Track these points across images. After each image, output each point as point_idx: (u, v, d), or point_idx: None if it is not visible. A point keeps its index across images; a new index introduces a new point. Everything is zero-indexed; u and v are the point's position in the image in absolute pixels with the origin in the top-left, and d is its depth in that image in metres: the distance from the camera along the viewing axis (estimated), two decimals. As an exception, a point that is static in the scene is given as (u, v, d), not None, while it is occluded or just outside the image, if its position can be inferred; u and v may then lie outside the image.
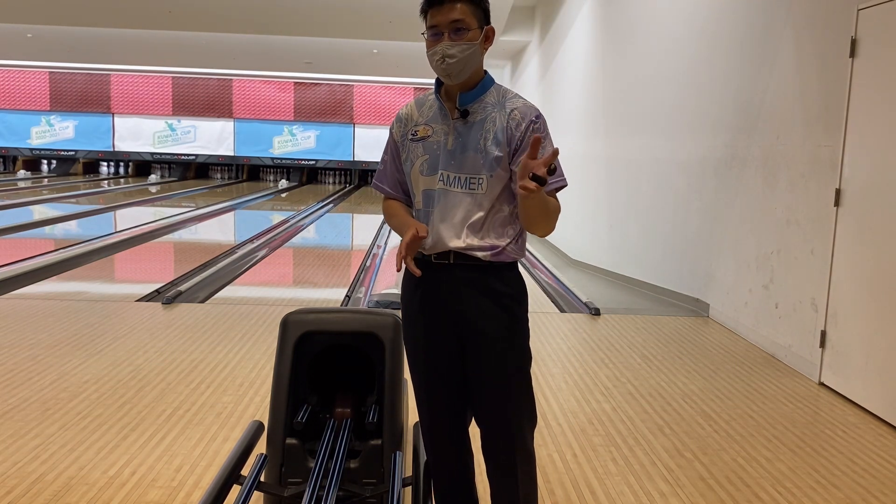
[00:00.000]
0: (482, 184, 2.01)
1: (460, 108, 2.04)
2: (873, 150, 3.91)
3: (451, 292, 2.05)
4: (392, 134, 2.16)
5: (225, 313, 5.48)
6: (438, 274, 2.05)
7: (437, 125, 2.07)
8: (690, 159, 6.18)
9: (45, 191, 16.45)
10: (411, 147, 2.09)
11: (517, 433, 2.08)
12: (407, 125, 2.12)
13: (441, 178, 2.03)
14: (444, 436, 2.19)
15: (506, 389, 2.06)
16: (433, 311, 2.08)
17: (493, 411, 2.08)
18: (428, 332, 2.10)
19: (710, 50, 5.90)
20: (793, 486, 2.99)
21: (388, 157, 2.18)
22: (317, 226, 12.66)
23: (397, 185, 2.18)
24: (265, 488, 2.29)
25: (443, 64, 1.97)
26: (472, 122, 2.03)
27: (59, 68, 20.81)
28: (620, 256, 7.74)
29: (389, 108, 20.92)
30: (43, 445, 3.11)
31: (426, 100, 2.13)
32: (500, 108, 2.04)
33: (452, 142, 2.03)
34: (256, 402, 3.67)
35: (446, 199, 2.03)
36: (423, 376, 2.15)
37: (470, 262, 2.03)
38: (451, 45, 1.96)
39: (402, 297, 2.18)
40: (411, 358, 2.19)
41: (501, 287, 2.05)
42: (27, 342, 4.58)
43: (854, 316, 4.01)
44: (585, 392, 4.01)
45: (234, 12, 12.96)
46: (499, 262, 2.05)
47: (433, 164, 2.05)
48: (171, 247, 9.92)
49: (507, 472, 2.10)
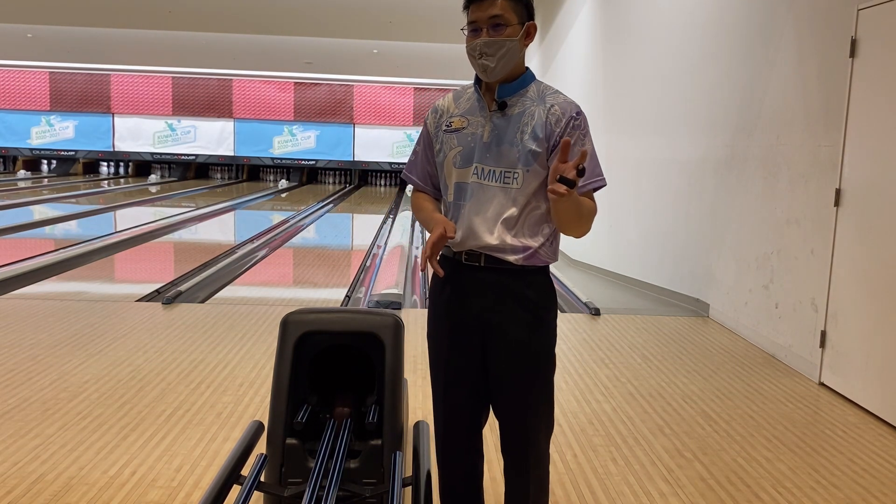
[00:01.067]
0: (517, 178, 1.97)
1: (498, 100, 2.00)
2: (873, 150, 3.91)
3: (479, 295, 2.02)
4: (426, 125, 2.13)
5: (225, 313, 5.48)
6: (468, 275, 2.03)
7: (473, 117, 2.03)
8: (690, 159, 6.19)
9: (45, 191, 16.45)
10: (445, 138, 2.06)
11: (533, 438, 2.07)
12: (442, 116, 2.09)
13: (476, 172, 2.00)
14: (458, 436, 2.17)
15: (527, 396, 2.04)
16: (460, 312, 2.06)
17: (513, 416, 2.07)
18: (452, 333, 2.08)
19: (710, 50, 5.90)
20: (793, 486, 2.99)
21: (419, 147, 2.15)
22: (317, 226, 12.66)
23: (427, 177, 2.15)
24: (265, 488, 2.29)
25: (480, 60, 1.95)
26: (510, 115, 1.99)
27: (59, 68, 20.80)
28: (620, 256, 7.73)
29: (389, 108, 20.91)
30: (43, 445, 3.11)
31: (464, 92, 2.10)
32: (540, 102, 2.00)
33: (488, 134, 2.00)
34: (256, 402, 3.67)
35: (481, 193, 1.99)
36: (443, 375, 2.13)
37: (501, 265, 1.99)
38: (489, 41, 1.93)
39: (431, 293, 2.16)
40: (433, 354, 2.17)
41: (532, 294, 2.02)
42: (27, 342, 4.58)
43: (854, 316, 4.01)
44: (585, 392, 4.01)
45: (234, 12, 12.97)
46: (531, 267, 2.01)
47: (467, 156, 2.01)
48: (171, 247, 9.92)
49: (520, 472, 2.10)
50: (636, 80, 7.55)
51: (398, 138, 20.87)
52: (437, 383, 2.16)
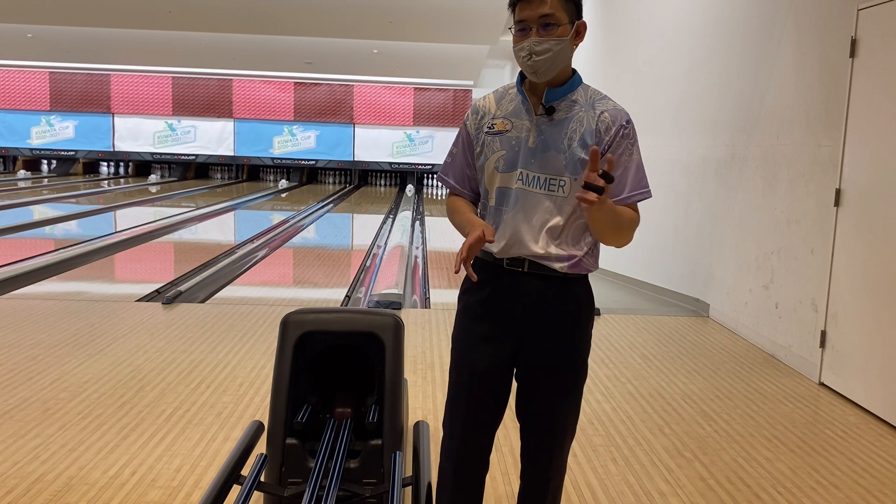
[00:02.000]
0: (564, 186, 1.90)
1: (546, 104, 1.92)
2: (873, 150, 3.91)
3: (520, 301, 1.95)
4: (465, 126, 2.05)
5: (225, 313, 5.48)
6: (509, 279, 1.95)
7: (517, 120, 1.95)
8: (691, 159, 6.19)
9: (45, 191, 16.44)
10: (487, 141, 1.98)
11: (559, 447, 2.04)
12: (484, 118, 2.00)
13: (520, 178, 1.92)
14: (472, 445, 2.07)
15: (560, 405, 2.01)
16: (496, 317, 1.98)
17: (542, 424, 2.02)
18: (485, 338, 1.99)
19: (711, 50, 5.90)
20: (793, 486, 2.99)
21: (457, 149, 2.07)
22: (317, 226, 12.65)
23: (465, 180, 2.06)
24: (265, 488, 2.29)
25: (529, 61, 1.87)
26: (557, 121, 1.92)
27: (59, 68, 20.79)
28: (620, 256, 7.73)
29: (389, 108, 20.90)
30: (43, 445, 3.11)
31: (506, 93, 2.01)
32: (590, 108, 1.93)
33: (534, 139, 1.92)
34: (256, 402, 3.67)
35: (525, 200, 1.92)
36: (467, 377, 2.03)
37: (544, 272, 1.93)
38: (539, 40, 1.85)
39: (466, 295, 2.04)
40: (458, 355, 2.06)
41: (572, 303, 1.97)
42: (27, 342, 4.58)
43: (854, 316, 4.01)
44: (586, 392, 4.00)
45: (234, 12, 12.97)
46: (574, 275, 1.95)
47: (511, 160, 1.93)
48: (171, 247, 9.92)
49: (540, 479, 2.06)
50: (636, 80, 7.55)
51: (398, 138, 20.86)
52: (460, 385, 2.04)
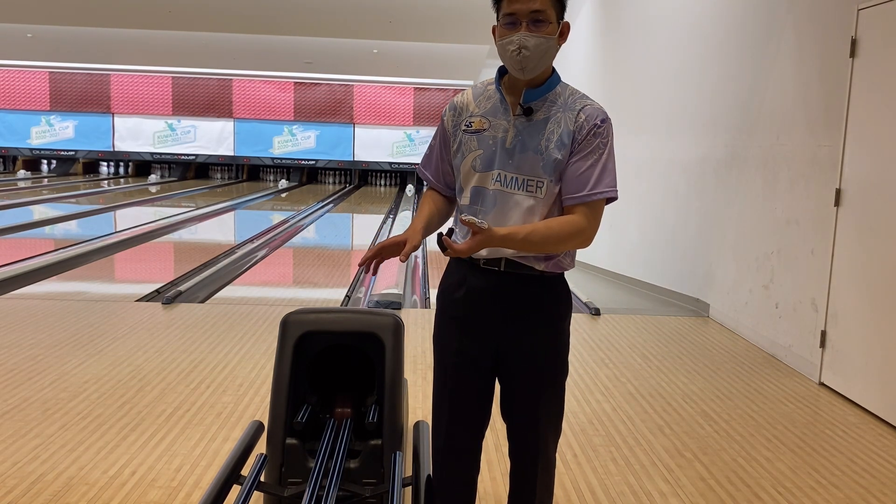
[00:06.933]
0: (542, 187, 1.89)
1: (524, 104, 1.90)
2: (873, 150, 3.91)
3: (496, 301, 1.95)
4: (443, 122, 2.03)
5: (225, 313, 5.48)
6: (485, 279, 1.95)
7: (494, 119, 1.93)
8: (690, 159, 6.19)
9: (45, 191, 16.44)
10: (464, 139, 1.95)
11: (542, 445, 2.03)
12: (461, 115, 1.98)
13: (497, 178, 1.91)
14: (458, 444, 2.08)
15: (541, 404, 2.00)
16: (474, 316, 1.98)
17: (524, 423, 2.03)
18: (462, 336, 2.00)
19: (711, 50, 5.90)
20: (793, 486, 2.99)
21: (435, 143, 2.06)
22: (317, 226, 12.65)
23: (440, 175, 2.06)
24: (265, 488, 2.29)
25: (518, 55, 1.83)
26: (536, 121, 1.90)
27: (59, 68, 20.79)
28: (620, 256, 7.73)
29: (389, 108, 20.91)
30: (43, 445, 3.11)
31: (485, 90, 1.98)
32: (568, 109, 1.90)
33: (511, 140, 1.90)
34: (256, 402, 3.67)
35: (504, 202, 1.91)
36: (450, 378, 2.04)
37: (521, 270, 1.93)
38: (529, 35, 1.82)
39: (443, 295, 2.05)
40: (439, 356, 2.08)
41: (549, 301, 1.97)
42: (27, 342, 4.58)
43: (854, 316, 4.01)
44: (585, 392, 4.01)
45: (234, 12, 12.98)
46: (550, 274, 1.95)
47: (487, 160, 1.92)
48: (171, 247, 9.92)
49: (528, 478, 2.06)
50: (636, 80, 7.55)
51: (398, 138, 20.86)
52: (443, 386, 2.06)
